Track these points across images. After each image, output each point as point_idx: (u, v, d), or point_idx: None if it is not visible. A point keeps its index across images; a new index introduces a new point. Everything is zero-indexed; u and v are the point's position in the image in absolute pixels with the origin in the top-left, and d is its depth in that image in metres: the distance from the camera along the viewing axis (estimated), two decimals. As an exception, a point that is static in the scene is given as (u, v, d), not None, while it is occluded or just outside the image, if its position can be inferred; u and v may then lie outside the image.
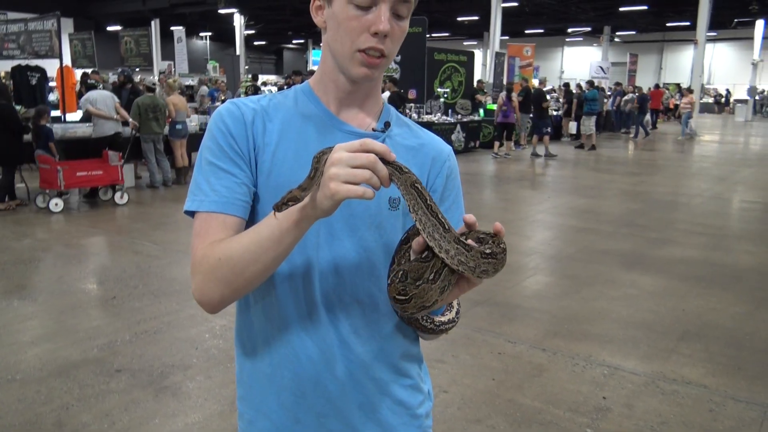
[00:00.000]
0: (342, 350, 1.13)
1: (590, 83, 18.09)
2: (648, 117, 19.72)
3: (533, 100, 14.66)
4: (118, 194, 8.38)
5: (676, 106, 26.33)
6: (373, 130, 1.16)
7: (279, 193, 1.06)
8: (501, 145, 14.53)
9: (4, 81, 12.97)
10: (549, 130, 14.68)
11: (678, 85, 31.65)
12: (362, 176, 0.87)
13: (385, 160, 0.90)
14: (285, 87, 14.30)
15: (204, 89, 14.88)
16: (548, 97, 20.16)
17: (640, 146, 17.73)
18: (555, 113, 18.84)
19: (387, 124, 1.18)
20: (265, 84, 19.97)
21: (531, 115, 16.21)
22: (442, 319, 1.16)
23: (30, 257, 5.98)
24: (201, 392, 3.36)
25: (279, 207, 0.91)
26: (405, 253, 1.07)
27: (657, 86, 25.52)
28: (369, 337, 1.15)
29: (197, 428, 3.02)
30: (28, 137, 8.01)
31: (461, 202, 1.24)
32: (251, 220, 1.08)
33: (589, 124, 16.21)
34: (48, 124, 8.02)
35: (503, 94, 14.56)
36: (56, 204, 7.82)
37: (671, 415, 3.19)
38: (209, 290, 1.02)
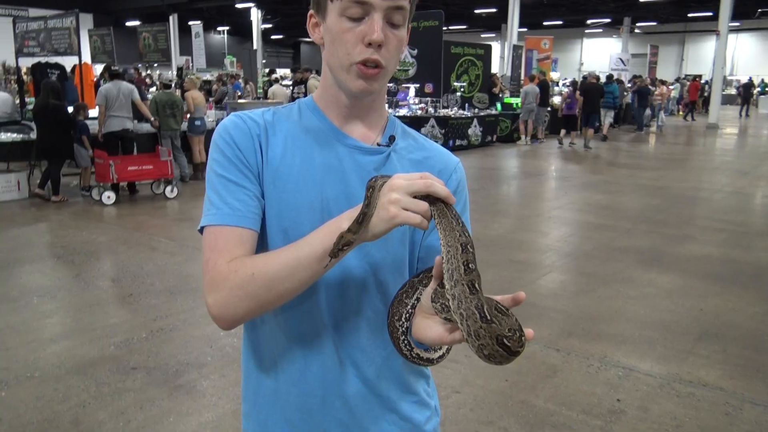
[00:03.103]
0: (349, 367, 1.13)
1: (609, 77, 17.89)
2: (648, 111, 19.47)
3: (592, 94, 14.96)
4: (168, 188, 8.61)
5: (704, 99, 26.24)
6: (378, 144, 1.15)
7: (284, 207, 1.07)
8: (567, 134, 15.40)
9: (25, 77, 13.14)
10: (597, 124, 15.37)
11: (699, 76, 31.14)
12: (422, 208, 0.90)
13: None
14: (293, 83, 14.28)
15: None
16: (564, 89, 20.02)
17: (655, 140, 17.50)
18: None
19: (392, 138, 1.16)
20: (283, 78, 19.88)
21: (549, 109, 16.14)
22: (433, 356, 1.13)
23: (49, 253, 6.07)
24: (215, 391, 3.39)
25: (335, 254, 0.92)
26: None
27: (694, 78, 25.38)
28: (375, 353, 1.14)
29: (211, 427, 3.05)
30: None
31: (467, 215, 1.22)
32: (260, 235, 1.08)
33: (608, 117, 16.51)
34: (84, 120, 8.38)
35: (569, 88, 15.41)
36: (108, 197, 8.11)
37: (686, 418, 3.15)
38: (234, 305, 0.99)
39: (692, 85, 24.43)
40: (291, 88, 15.09)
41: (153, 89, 15.67)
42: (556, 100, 18.64)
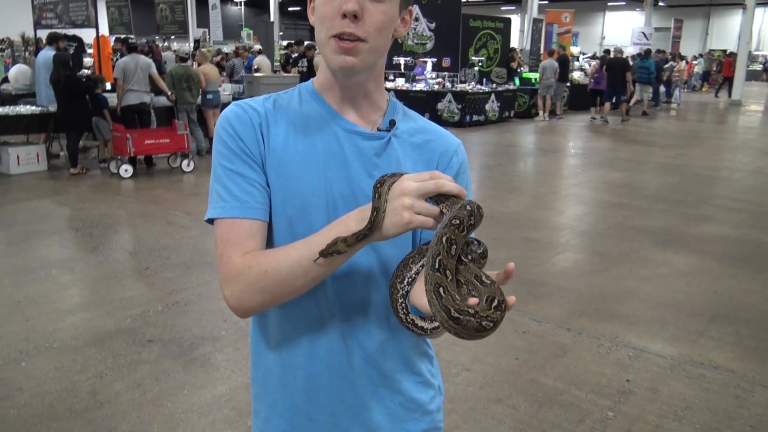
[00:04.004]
0: (355, 350, 1.14)
1: (647, 52, 17.77)
2: (662, 87, 19.21)
3: (617, 68, 14.93)
4: (185, 161, 8.67)
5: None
6: (378, 129, 1.14)
7: (289, 194, 1.08)
8: (598, 109, 15.55)
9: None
10: (624, 98, 15.47)
11: (724, 51, 30.46)
12: (434, 212, 0.92)
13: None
14: (297, 55, 14.14)
15: (236, 62, 14.53)
16: (587, 65, 19.72)
17: (674, 117, 17.22)
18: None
19: (392, 122, 1.16)
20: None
21: (568, 84, 15.95)
22: (427, 326, 1.12)
23: (67, 226, 6.16)
24: (229, 364, 3.45)
25: (325, 254, 0.94)
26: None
27: (730, 54, 24.87)
28: (381, 336, 1.16)
29: (224, 400, 3.11)
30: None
31: (470, 196, 1.22)
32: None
33: (645, 93, 16.88)
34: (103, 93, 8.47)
35: (596, 62, 15.66)
36: (126, 170, 8.20)
37: (696, 400, 3.16)
38: (249, 299, 1.02)
39: (727, 61, 23.98)
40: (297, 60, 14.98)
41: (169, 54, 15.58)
42: (576, 75, 18.42)
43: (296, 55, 14.32)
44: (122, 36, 13.67)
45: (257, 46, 19.70)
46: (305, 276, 0.99)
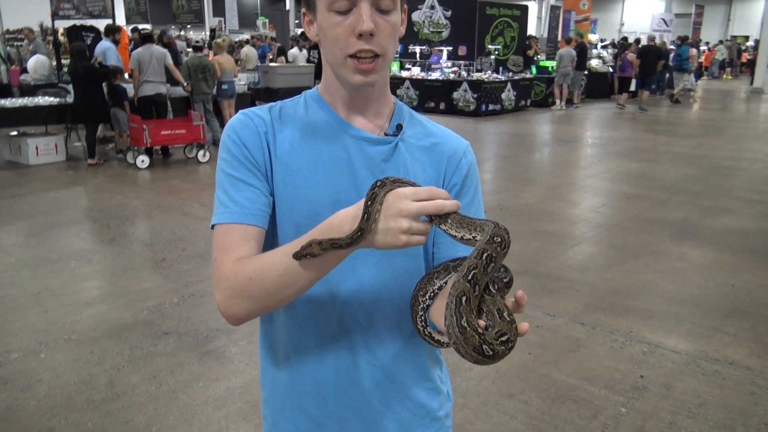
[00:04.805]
0: (364, 356, 1.15)
1: (683, 39, 17.66)
2: (668, 75, 18.94)
3: (650, 56, 15.05)
4: (200, 152, 8.75)
5: (749, 61, 25.36)
6: (385, 134, 1.14)
7: (296, 201, 1.08)
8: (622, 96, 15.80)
9: (62, 39, 13.31)
10: (653, 86, 15.83)
11: (746, 37, 29.93)
12: (428, 230, 0.91)
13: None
14: (309, 46, 14.12)
15: (248, 50, 14.40)
16: (605, 53, 19.49)
17: (693, 106, 16.97)
18: (611, 70, 18.23)
19: (399, 127, 1.16)
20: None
21: (586, 72, 15.80)
22: (443, 339, 1.12)
23: (86, 217, 6.24)
24: (243, 357, 3.49)
25: (298, 256, 0.92)
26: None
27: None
28: (391, 340, 1.16)
29: (239, 393, 3.15)
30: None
31: (479, 199, 1.22)
32: (270, 229, 1.09)
33: (681, 81, 17.09)
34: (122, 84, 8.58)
35: (628, 51, 16.01)
36: (142, 161, 8.30)
37: (710, 396, 3.14)
38: (236, 306, 1.01)
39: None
40: (308, 50, 14.97)
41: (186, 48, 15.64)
42: (594, 63, 18.20)
43: (309, 45, 14.31)
44: (138, 26, 13.77)
45: (271, 34, 19.68)
46: (293, 285, 0.97)
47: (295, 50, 14.99)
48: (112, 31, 9.44)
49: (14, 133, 8.81)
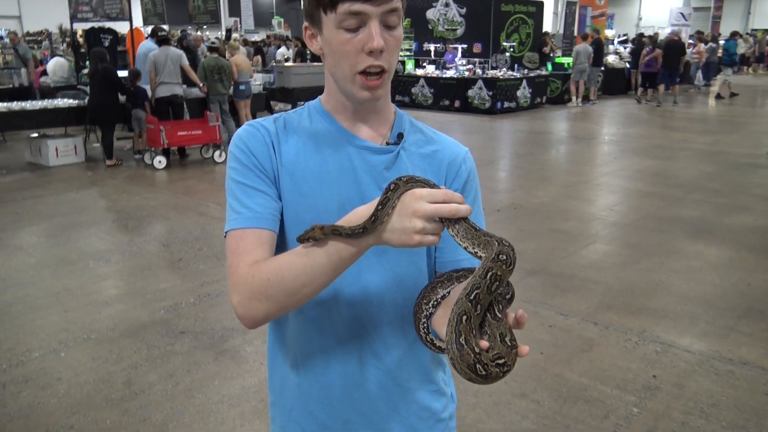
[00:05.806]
0: (370, 360, 1.18)
1: (733, 33, 18.17)
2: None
3: (673, 51, 15.12)
4: (217, 152, 8.86)
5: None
6: (387, 143, 1.17)
7: (302, 209, 1.11)
8: (645, 92, 16.02)
9: (81, 41, 13.49)
10: (678, 80, 15.59)
11: (765, 31, 29.44)
12: (440, 230, 0.93)
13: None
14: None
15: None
16: (622, 48, 19.34)
17: (712, 102, 16.76)
18: (628, 66, 18.09)
19: (400, 136, 1.18)
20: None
21: (602, 69, 15.71)
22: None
23: (104, 217, 6.34)
24: (258, 356, 3.54)
25: (301, 240, 0.97)
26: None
27: None
28: (396, 344, 1.19)
29: (253, 392, 3.20)
30: (122, 98, 8.66)
31: (479, 204, 1.24)
32: (279, 236, 1.12)
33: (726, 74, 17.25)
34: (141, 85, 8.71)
35: (648, 47, 16.06)
36: (159, 161, 8.42)
37: (723, 397, 3.13)
38: (255, 308, 1.02)
39: None
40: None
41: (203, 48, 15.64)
42: (611, 59, 18.06)
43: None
44: (154, 27, 13.89)
45: (287, 33, 19.75)
46: (311, 285, 0.99)
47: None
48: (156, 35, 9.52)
49: (35, 134, 8.96)
